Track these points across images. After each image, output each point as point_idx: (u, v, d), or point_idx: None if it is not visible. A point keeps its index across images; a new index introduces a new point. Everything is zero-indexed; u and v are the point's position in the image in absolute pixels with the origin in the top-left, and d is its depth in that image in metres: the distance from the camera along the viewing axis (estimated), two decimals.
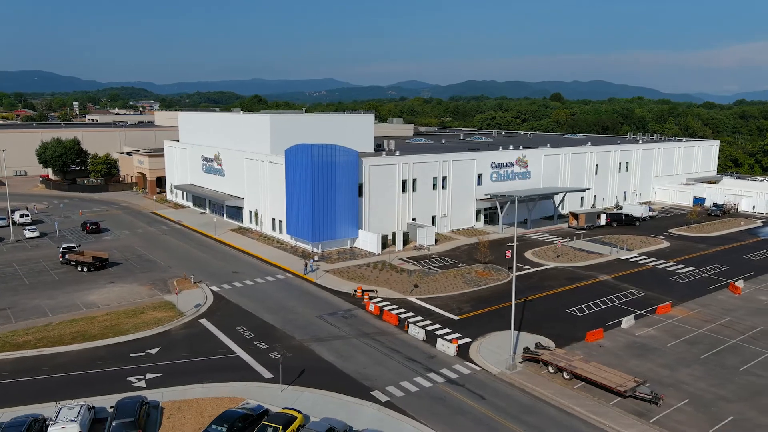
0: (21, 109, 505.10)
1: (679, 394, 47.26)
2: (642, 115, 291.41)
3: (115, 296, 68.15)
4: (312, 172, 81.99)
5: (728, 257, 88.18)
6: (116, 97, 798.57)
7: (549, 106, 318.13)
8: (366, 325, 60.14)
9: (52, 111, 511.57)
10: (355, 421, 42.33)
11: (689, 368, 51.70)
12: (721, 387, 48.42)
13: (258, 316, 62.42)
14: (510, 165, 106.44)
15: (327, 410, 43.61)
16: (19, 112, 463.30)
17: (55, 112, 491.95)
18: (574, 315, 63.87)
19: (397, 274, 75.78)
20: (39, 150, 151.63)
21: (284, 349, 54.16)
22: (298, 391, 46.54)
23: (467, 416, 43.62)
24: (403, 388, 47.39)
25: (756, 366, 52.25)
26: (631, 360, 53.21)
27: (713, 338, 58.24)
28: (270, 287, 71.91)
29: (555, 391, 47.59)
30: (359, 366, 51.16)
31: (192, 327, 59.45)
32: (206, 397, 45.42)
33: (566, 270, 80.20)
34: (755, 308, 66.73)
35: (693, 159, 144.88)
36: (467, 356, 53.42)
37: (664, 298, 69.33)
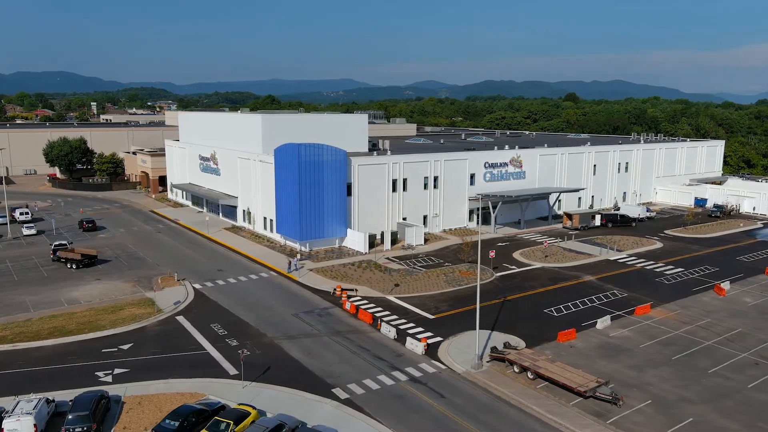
0: (41, 109, 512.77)
1: (642, 395, 46.97)
2: (654, 116, 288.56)
3: (98, 293, 69.21)
4: (299, 172, 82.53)
5: (720, 259, 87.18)
6: (135, 97, 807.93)
7: (560, 106, 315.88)
8: (340, 324, 60.48)
9: (70, 111, 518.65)
10: (311, 417, 42.66)
11: (657, 369, 51.32)
12: (687, 389, 48.03)
13: (234, 313, 63.04)
14: (504, 165, 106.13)
15: (285, 407, 44.00)
16: (38, 112, 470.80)
17: (73, 112, 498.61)
18: (550, 315, 63.65)
19: (380, 273, 76.03)
20: (46, 149, 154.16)
21: (254, 347, 54.69)
22: (260, 388, 46.99)
23: (423, 414, 43.76)
24: (364, 386, 47.63)
25: (726, 368, 51.73)
26: (599, 360, 52.96)
27: (688, 340, 57.72)
28: (252, 285, 72.53)
29: (517, 390, 47.55)
30: (325, 364, 51.50)
31: (168, 324, 60.21)
32: (168, 392, 46.03)
33: (551, 270, 79.86)
34: (737, 310, 65.97)
35: (696, 159, 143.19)
36: (435, 355, 53.52)
37: (646, 299, 68.79)
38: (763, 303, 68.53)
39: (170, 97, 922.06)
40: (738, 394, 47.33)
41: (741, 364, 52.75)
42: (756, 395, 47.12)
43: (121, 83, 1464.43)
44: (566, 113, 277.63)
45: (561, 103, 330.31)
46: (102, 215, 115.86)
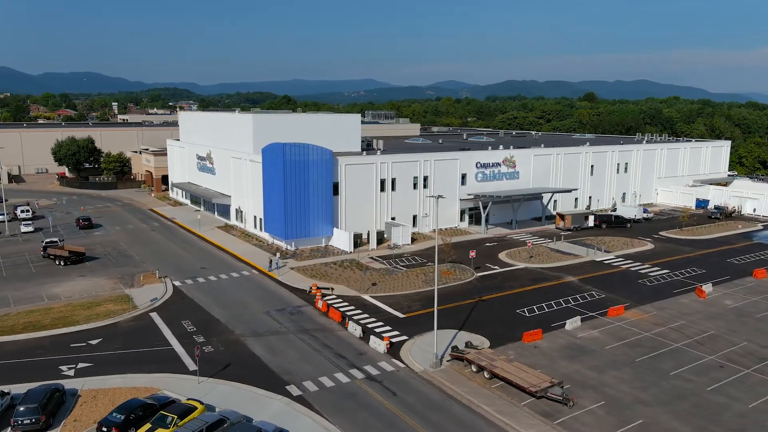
0: (63, 109, 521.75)
1: (597, 396, 46.71)
2: (670, 116, 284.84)
3: (80, 289, 70.53)
4: (284, 171, 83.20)
5: (710, 261, 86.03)
6: (157, 97, 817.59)
7: (575, 106, 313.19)
8: (309, 322, 60.95)
9: (92, 111, 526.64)
10: (259, 413, 43.16)
11: (618, 371, 50.95)
12: (644, 390, 47.62)
13: (207, 310, 63.84)
14: (496, 165, 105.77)
15: (235, 402, 44.56)
16: (61, 112, 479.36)
17: (95, 112, 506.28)
18: (522, 316, 63.45)
19: (360, 273, 76.34)
20: (54, 148, 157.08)
21: (219, 343, 55.41)
22: (215, 384, 47.63)
23: (371, 411, 44.02)
24: (319, 383, 48.02)
25: (689, 370, 51.18)
26: (561, 361, 52.72)
27: (657, 342, 57.18)
28: (231, 283, 73.34)
29: (470, 389, 47.59)
30: (285, 361, 52.00)
31: (141, 320, 61.18)
32: (124, 387, 46.84)
33: (534, 271, 79.50)
34: (715, 312, 65.14)
35: (701, 160, 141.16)
36: (397, 354, 53.71)
37: (623, 300, 68.23)
38: (744, 306, 67.56)
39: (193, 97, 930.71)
40: (695, 396, 46.83)
41: (706, 366, 52.14)
42: (714, 398, 46.58)
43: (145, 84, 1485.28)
44: (579, 113, 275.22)
45: (576, 103, 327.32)
46: (102, 213, 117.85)
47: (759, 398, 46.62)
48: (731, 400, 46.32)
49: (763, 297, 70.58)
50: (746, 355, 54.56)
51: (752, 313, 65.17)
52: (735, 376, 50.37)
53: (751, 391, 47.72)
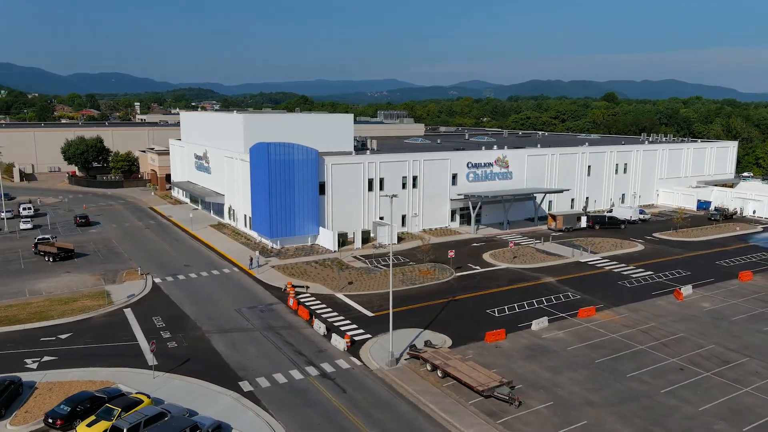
0: (88, 109, 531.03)
1: (546, 396, 46.64)
2: (687, 116, 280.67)
3: (62, 284, 72.14)
4: (268, 170, 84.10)
5: (698, 263, 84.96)
6: (181, 97, 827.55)
7: (590, 106, 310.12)
8: (277, 320, 61.66)
9: (115, 111, 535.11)
10: (206, 408, 43.89)
11: (574, 372, 50.78)
12: (596, 392, 47.42)
13: (180, 307, 64.90)
14: (488, 165, 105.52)
15: (186, 397, 45.40)
16: (85, 112, 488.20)
17: (118, 112, 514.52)
18: (491, 315, 63.43)
19: (340, 271, 76.88)
20: (63, 148, 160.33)
21: (184, 339, 56.36)
22: (170, 379, 48.53)
23: (317, 408, 44.50)
24: (272, 380, 48.65)
25: (647, 373, 50.80)
26: (519, 361, 52.69)
27: (622, 343, 56.79)
28: (210, 280, 74.41)
29: (421, 388, 47.84)
30: (244, 357, 52.74)
31: (113, 315, 62.42)
32: (82, 380, 47.94)
33: (514, 271, 79.29)
34: (688, 315, 64.44)
35: (705, 161, 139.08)
36: (357, 352, 54.14)
37: (598, 301, 67.85)
38: (721, 308, 66.71)
39: (216, 97, 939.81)
40: (647, 398, 46.51)
41: (666, 369, 51.71)
42: (666, 400, 46.23)
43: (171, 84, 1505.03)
44: (592, 113, 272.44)
45: (591, 103, 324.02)
46: (103, 211, 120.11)
47: (711, 401, 46.15)
48: (683, 402, 45.93)
49: (743, 300, 69.59)
50: (710, 358, 53.96)
51: (728, 316, 64.34)
52: (693, 378, 49.89)
53: (706, 394, 47.25)
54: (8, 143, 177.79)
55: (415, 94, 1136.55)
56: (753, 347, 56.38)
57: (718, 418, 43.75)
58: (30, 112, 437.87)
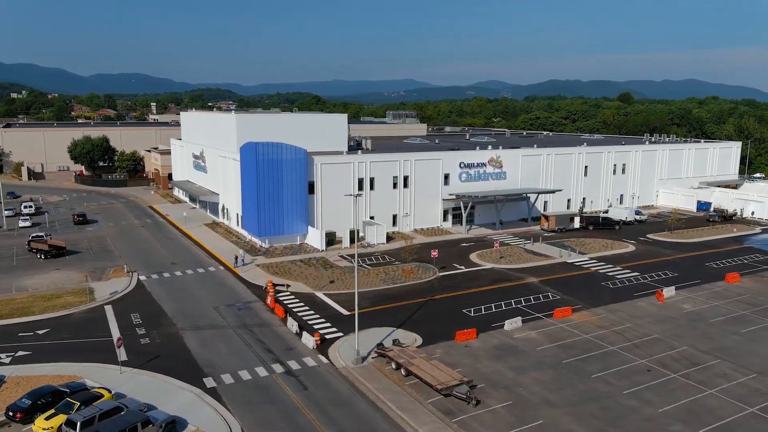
0: (105, 109, 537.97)
1: (507, 396, 46.69)
2: (700, 116, 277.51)
3: (49, 281, 73.45)
4: (257, 169, 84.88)
5: (687, 264, 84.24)
6: (198, 98, 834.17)
7: (601, 106, 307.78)
8: (253, 317, 62.29)
9: (132, 111, 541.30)
10: (167, 404, 44.52)
11: (539, 372, 50.74)
12: (557, 392, 47.37)
13: (159, 304, 65.79)
14: (481, 165, 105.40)
15: (149, 392, 46.11)
16: (102, 112, 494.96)
17: (134, 112, 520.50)
18: (467, 315, 63.50)
19: (323, 270, 77.39)
20: (70, 147, 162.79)
21: (158, 336, 57.17)
22: (136, 374, 49.32)
23: (276, 405, 44.97)
24: (237, 377, 49.22)
25: (613, 373, 50.61)
26: (485, 361, 52.76)
27: (593, 344, 56.61)
28: (194, 278, 75.29)
29: (382, 386, 48.13)
30: (213, 354, 53.39)
31: (93, 312, 63.45)
32: (50, 374, 48.92)
33: (499, 271, 79.22)
34: (666, 316, 64.01)
35: (707, 161, 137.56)
36: (326, 350, 54.56)
37: (578, 302, 67.66)
38: (701, 310, 66.16)
39: (234, 97, 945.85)
40: (607, 399, 46.38)
41: (633, 370, 51.47)
42: (626, 401, 46.07)
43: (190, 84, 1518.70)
44: (602, 113, 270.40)
45: (603, 103, 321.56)
46: (103, 210, 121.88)
47: (672, 403, 45.91)
48: (643, 404, 45.73)
49: (726, 302, 68.94)
50: (680, 360, 53.62)
51: (707, 318, 63.81)
52: (658, 380, 49.63)
53: (669, 396, 47.01)
54: (19, 143, 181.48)
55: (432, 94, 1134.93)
56: (726, 349, 55.91)
57: (677, 420, 43.53)
58: (48, 113, 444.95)
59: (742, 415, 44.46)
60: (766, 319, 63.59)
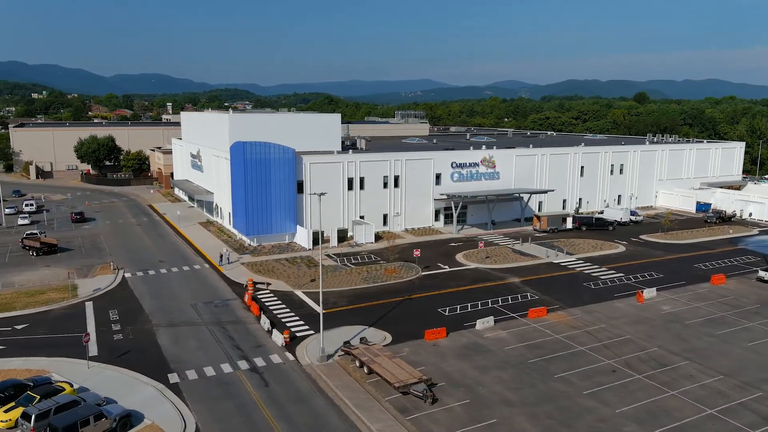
0: (122, 109, 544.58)
1: (465, 394, 46.83)
2: (713, 116, 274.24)
3: (36, 278, 74.84)
4: (244, 168, 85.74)
5: (674, 265, 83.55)
6: (215, 98, 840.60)
7: (613, 105, 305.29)
8: (228, 315, 63.01)
9: (148, 111, 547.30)
10: (127, 398, 45.29)
11: (503, 371, 50.80)
12: (516, 391, 47.41)
13: (139, 301, 66.79)
14: (474, 165, 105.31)
15: (112, 386, 46.94)
16: (119, 112, 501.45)
17: (151, 112, 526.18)
18: (441, 314, 63.65)
19: (306, 269, 77.96)
20: (76, 146, 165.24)
21: (132, 332, 58.08)
22: (103, 369, 50.23)
23: (234, 401, 45.55)
24: (201, 372, 49.90)
25: (577, 374, 50.52)
26: (450, 360, 52.93)
27: (562, 344, 56.50)
28: (178, 276, 76.25)
29: (343, 383, 48.53)
30: (183, 350, 54.15)
31: (73, 308, 64.58)
32: (19, 368, 49.98)
33: (482, 271, 79.21)
34: (643, 317, 63.65)
35: (710, 162, 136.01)
36: (294, 348, 55.08)
37: (556, 302, 67.52)
38: (680, 311, 65.70)
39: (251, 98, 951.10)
40: (566, 399, 46.33)
41: (598, 370, 51.33)
42: (584, 402, 46.00)
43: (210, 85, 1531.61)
44: (612, 114, 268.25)
45: (614, 103, 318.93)
46: (104, 208, 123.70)
47: (632, 403, 45.75)
48: (601, 404, 45.62)
49: (707, 303, 68.36)
50: (648, 361, 53.35)
51: (684, 319, 63.34)
52: (622, 381, 49.45)
53: (629, 397, 46.84)
54: (29, 142, 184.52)
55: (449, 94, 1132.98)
56: (696, 351, 55.53)
57: (632, 421, 43.39)
58: (66, 113, 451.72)
59: (699, 416, 44.20)
60: (744, 321, 62.96)
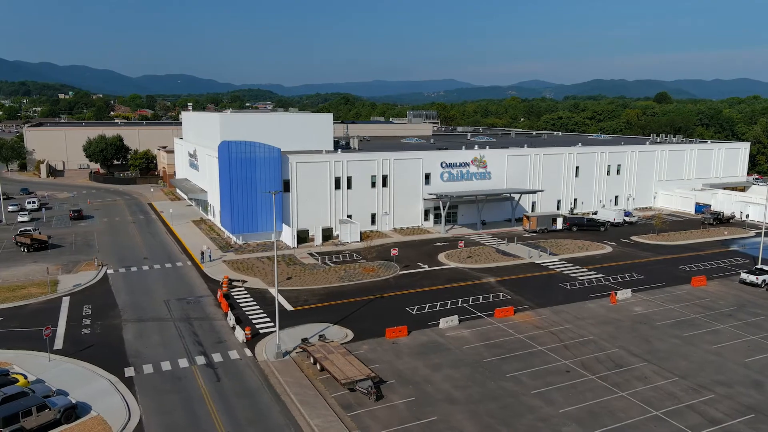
0: (143, 109, 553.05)
1: (412, 392, 47.11)
2: (731, 116, 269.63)
3: (21, 273, 76.75)
4: (229, 167, 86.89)
5: (658, 267, 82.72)
6: (237, 98, 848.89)
7: (629, 106, 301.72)
8: (198, 311, 64.02)
9: (169, 111, 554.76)
10: (79, 390, 46.43)
11: (456, 370, 50.98)
12: (464, 389, 47.57)
13: (115, 296, 68.18)
14: (464, 165, 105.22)
15: (68, 379, 48.15)
16: (140, 112, 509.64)
17: (171, 112, 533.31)
18: (409, 313, 63.95)
19: (287, 267, 78.80)
20: (84, 146, 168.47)
21: (100, 327, 59.34)
22: (62, 362, 51.50)
23: (182, 394, 46.41)
24: (157, 367, 50.87)
25: (529, 373, 50.47)
26: (405, 358, 53.24)
27: (522, 344, 56.46)
28: (158, 273, 77.59)
29: (294, 379, 49.14)
30: (144, 345, 55.22)
31: (50, 303, 66.14)
32: None
33: (461, 271, 79.27)
34: (611, 318, 63.25)
35: (712, 163, 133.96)
36: (255, 344, 55.85)
37: (526, 302, 67.41)
38: (651, 313, 65.14)
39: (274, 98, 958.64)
40: (511, 398, 46.37)
41: (552, 370, 51.22)
42: (528, 401, 46.00)
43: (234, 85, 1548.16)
44: (626, 114, 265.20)
45: (630, 103, 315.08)
46: (105, 206, 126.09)
47: (577, 404, 45.62)
48: (545, 404, 45.58)
49: (682, 305, 67.66)
50: (606, 362, 53.08)
51: (653, 321, 62.80)
52: (572, 381, 49.29)
53: (576, 397, 46.70)
54: (42, 142, 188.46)
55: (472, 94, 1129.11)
56: (657, 352, 55.08)
57: (573, 421, 43.29)
58: (89, 112, 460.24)
59: (643, 417, 43.92)
60: (715, 324, 62.23)
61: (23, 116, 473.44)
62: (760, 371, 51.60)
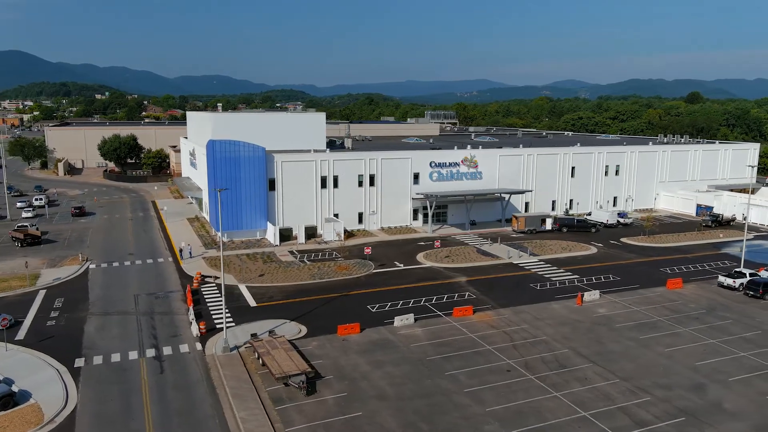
0: (174, 109, 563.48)
1: (346, 387, 47.73)
2: (758, 117, 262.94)
3: (9, 267, 79.57)
4: (214, 166, 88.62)
5: (639, 269, 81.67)
6: (268, 99, 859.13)
7: (652, 105, 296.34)
8: (163, 306, 65.63)
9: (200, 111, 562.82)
10: (26, 379, 48.27)
11: (397, 367, 51.42)
12: (398, 387, 48.00)
13: (89, 290, 70.29)
14: (454, 165, 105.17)
15: (18, 368, 50.05)
16: (171, 112, 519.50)
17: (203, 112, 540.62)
18: (368, 311, 64.50)
19: (263, 264, 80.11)
20: (99, 145, 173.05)
21: (65, 319, 61.35)
22: (17, 352, 53.50)
23: (122, 385, 47.81)
24: (107, 359, 52.47)
25: (467, 372, 50.61)
26: (351, 354, 53.87)
27: (472, 343, 56.58)
28: (138, 268, 79.63)
29: (234, 373, 50.21)
30: (102, 338, 56.95)
31: (26, 296, 68.50)
32: None
33: (434, 270, 79.48)
34: (571, 319, 62.86)
35: (718, 164, 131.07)
36: (207, 338, 57.11)
37: (490, 302, 67.44)
38: (614, 315, 64.52)
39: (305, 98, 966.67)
40: (442, 396, 46.64)
41: (492, 370, 51.25)
42: (458, 399, 46.21)
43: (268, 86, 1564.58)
44: (648, 114, 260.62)
45: (653, 103, 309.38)
46: (110, 204, 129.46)
47: (506, 403, 45.66)
48: (474, 402, 45.71)
49: (649, 307, 66.84)
50: (551, 362, 52.90)
51: (614, 322, 62.21)
52: (509, 381, 49.29)
53: (508, 396, 46.72)
54: (63, 141, 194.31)
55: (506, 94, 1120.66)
56: (607, 354, 54.62)
57: (497, 420, 43.36)
58: (121, 113, 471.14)
59: (569, 418, 43.76)
60: (677, 327, 61.36)
61: (59, 116, 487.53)
62: (707, 375, 50.83)
